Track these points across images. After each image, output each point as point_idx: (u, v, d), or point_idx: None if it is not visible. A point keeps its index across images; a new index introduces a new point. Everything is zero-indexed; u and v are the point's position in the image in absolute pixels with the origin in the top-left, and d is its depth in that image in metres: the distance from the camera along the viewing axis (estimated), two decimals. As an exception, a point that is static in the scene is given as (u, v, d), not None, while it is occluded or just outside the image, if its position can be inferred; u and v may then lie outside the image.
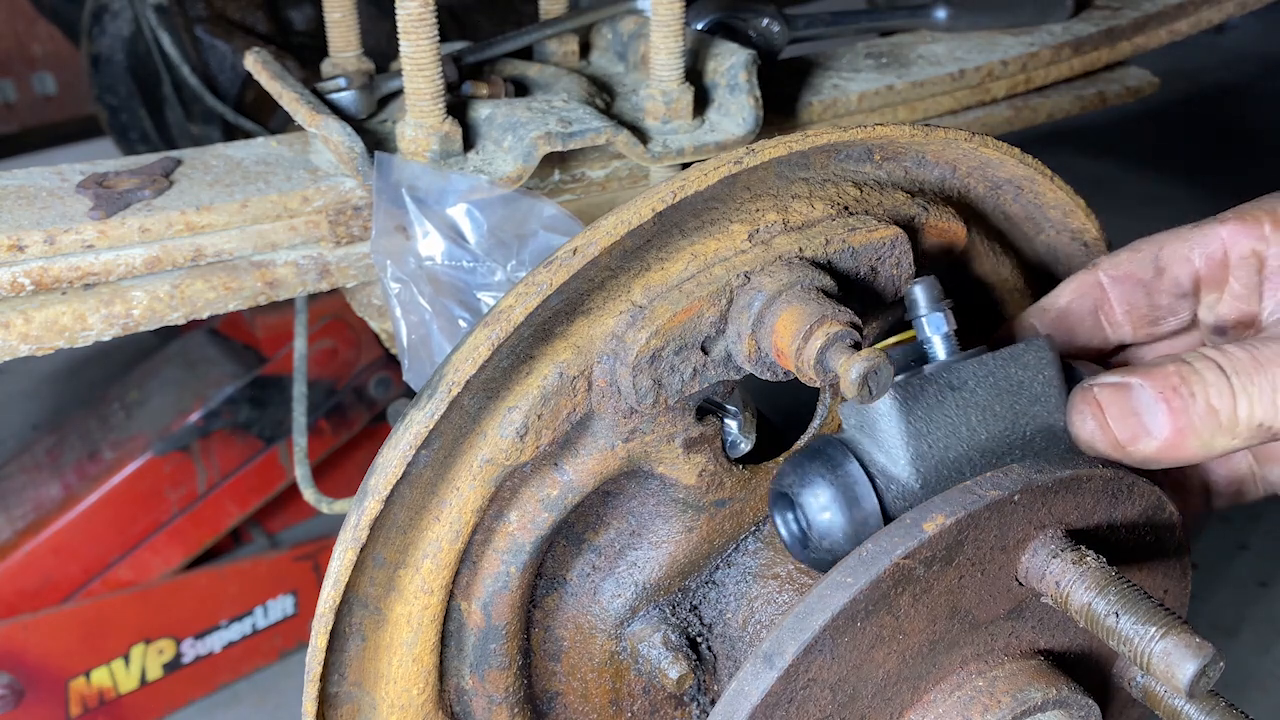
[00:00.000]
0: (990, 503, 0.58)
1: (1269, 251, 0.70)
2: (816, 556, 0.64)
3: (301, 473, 1.22)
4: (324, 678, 0.66)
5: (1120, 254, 0.73)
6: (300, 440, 1.25)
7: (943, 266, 0.77)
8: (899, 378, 0.63)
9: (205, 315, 0.89)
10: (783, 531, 0.65)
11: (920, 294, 0.66)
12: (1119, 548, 0.64)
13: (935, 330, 0.66)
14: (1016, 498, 0.58)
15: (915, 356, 0.66)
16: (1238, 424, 0.62)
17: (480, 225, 0.85)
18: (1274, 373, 0.62)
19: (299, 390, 1.29)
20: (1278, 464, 0.77)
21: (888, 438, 0.63)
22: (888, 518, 0.62)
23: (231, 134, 1.69)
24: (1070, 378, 0.68)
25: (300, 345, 1.31)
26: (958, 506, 0.58)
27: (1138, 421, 0.63)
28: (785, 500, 0.65)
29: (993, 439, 0.65)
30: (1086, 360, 0.72)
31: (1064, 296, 0.73)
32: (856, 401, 0.59)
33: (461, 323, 0.83)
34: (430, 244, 0.84)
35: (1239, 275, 0.71)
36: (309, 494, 1.21)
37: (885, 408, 0.63)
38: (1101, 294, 0.72)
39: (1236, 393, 0.62)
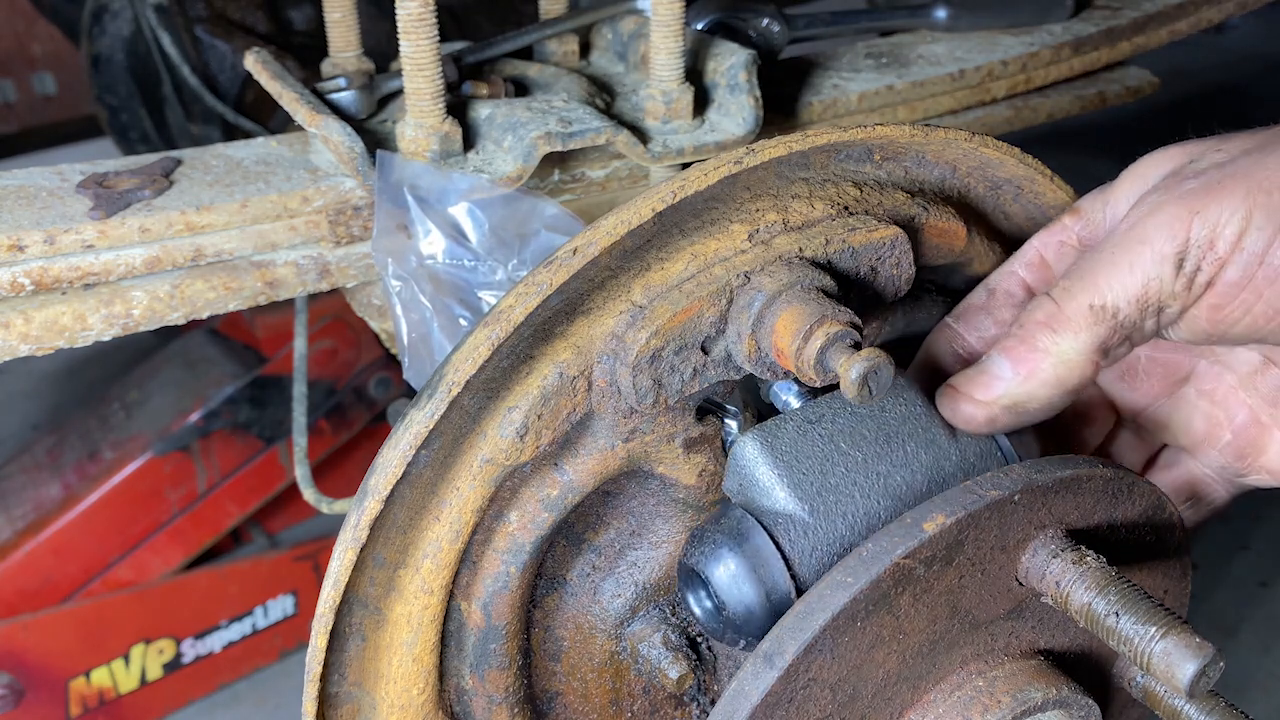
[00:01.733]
0: (990, 502, 0.58)
1: (1075, 233, 0.74)
2: (729, 615, 0.63)
3: (301, 473, 1.22)
4: (324, 678, 0.66)
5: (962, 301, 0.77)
6: (300, 440, 1.25)
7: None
8: (756, 427, 0.65)
9: (205, 315, 0.89)
10: (697, 610, 0.65)
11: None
12: (1119, 548, 0.64)
13: (786, 392, 0.69)
14: (1016, 498, 0.58)
15: None
16: (1069, 319, 0.65)
17: (482, 224, 0.85)
18: (1088, 261, 0.65)
19: (299, 390, 1.29)
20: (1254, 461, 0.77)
21: (763, 479, 0.64)
22: (782, 551, 0.62)
23: (231, 134, 1.69)
24: None
25: (300, 345, 1.31)
26: (958, 506, 0.58)
27: (986, 376, 0.66)
28: (692, 575, 0.65)
29: (870, 458, 0.65)
30: None
31: (924, 349, 0.76)
32: (857, 402, 0.60)
33: (462, 321, 0.83)
34: (432, 242, 0.84)
35: (1060, 264, 0.74)
36: (309, 494, 1.21)
37: (752, 454, 0.65)
38: (952, 333, 0.75)
39: (1058, 299, 0.65)
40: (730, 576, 0.62)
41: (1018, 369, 0.65)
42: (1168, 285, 0.64)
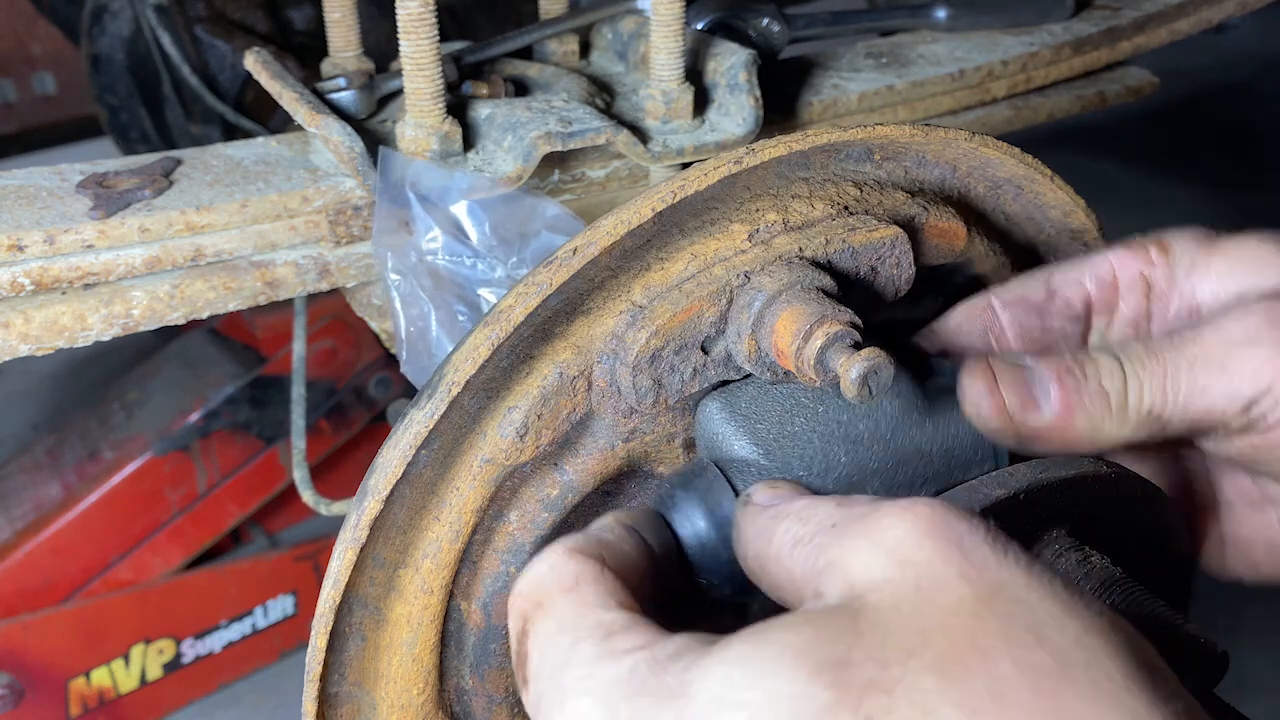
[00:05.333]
0: (994, 501, 0.58)
1: (1155, 275, 0.70)
2: (688, 553, 0.63)
3: (300, 475, 1.22)
4: (324, 678, 0.66)
5: (1013, 281, 0.73)
6: (299, 443, 1.25)
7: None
8: (719, 389, 0.66)
9: (205, 315, 0.89)
10: None
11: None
12: (1123, 548, 0.64)
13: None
14: (1021, 497, 0.58)
15: None
16: (1127, 408, 0.62)
17: (482, 222, 0.85)
18: (1166, 360, 0.63)
19: (297, 393, 1.29)
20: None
21: (722, 433, 0.65)
22: (735, 489, 0.63)
23: (231, 134, 1.69)
24: (932, 370, 0.69)
25: (299, 349, 1.31)
26: (962, 506, 0.57)
27: (1028, 392, 0.63)
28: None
29: (831, 408, 0.65)
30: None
31: (954, 318, 0.73)
32: (857, 402, 0.59)
33: (460, 318, 0.83)
34: (432, 239, 0.85)
35: (1128, 299, 0.71)
36: (308, 496, 1.21)
37: (713, 411, 0.66)
38: (991, 316, 0.72)
39: (1128, 376, 0.62)
40: (682, 513, 0.63)
41: (1057, 414, 0.62)
42: (1226, 420, 0.62)
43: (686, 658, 0.44)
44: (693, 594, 0.63)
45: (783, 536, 0.53)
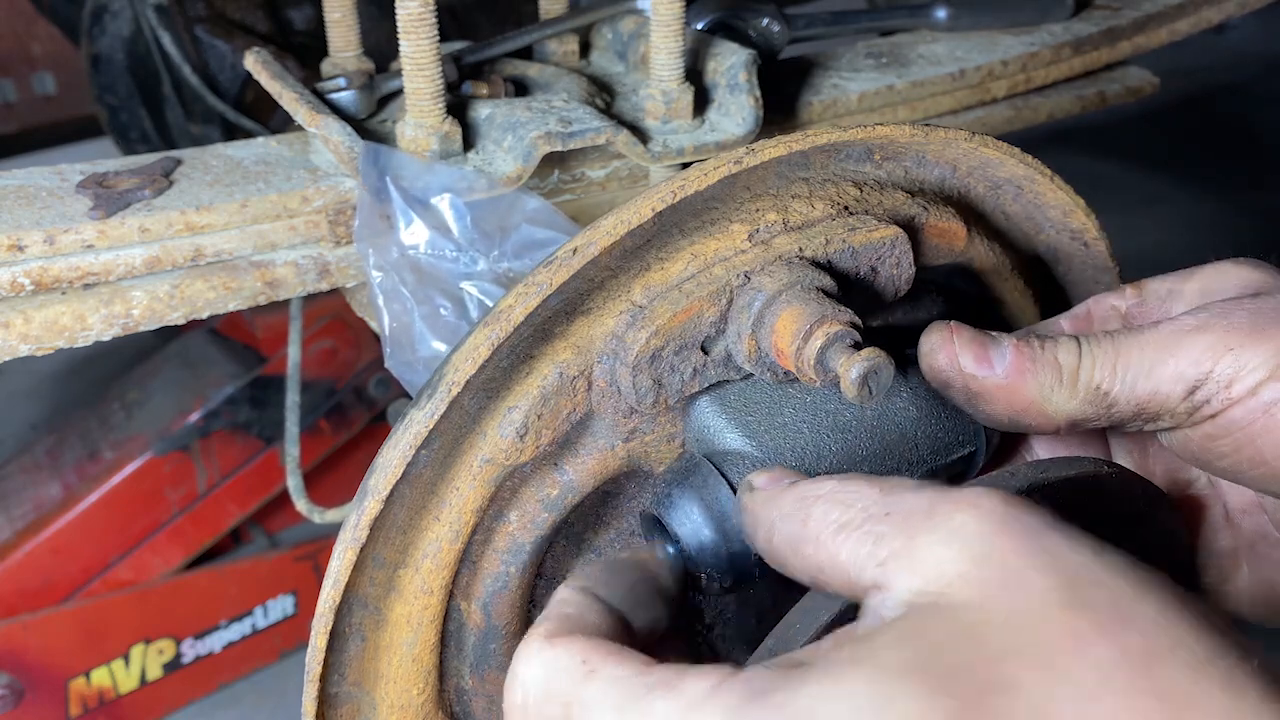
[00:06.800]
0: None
1: (1128, 305, 0.73)
2: (685, 547, 0.63)
3: (294, 483, 1.22)
4: (324, 678, 0.66)
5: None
6: (292, 450, 1.25)
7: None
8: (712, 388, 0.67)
9: (205, 315, 0.89)
10: (661, 556, 0.65)
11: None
12: (1125, 548, 0.64)
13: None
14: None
15: None
16: (1077, 380, 0.64)
17: (464, 215, 0.85)
18: (1120, 342, 0.65)
19: (291, 399, 1.29)
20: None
21: (713, 426, 0.66)
22: (729, 481, 0.63)
23: (231, 134, 1.69)
24: (911, 359, 0.70)
25: (294, 353, 1.31)
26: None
27: (983, 351, 0.65)
28: (650, 521, 0.66)
29: (819, 398, 0.67)
30: None
31: None
32: (857, 402, 0.60)
33: (443, 312, 0.83)
34: (414, 233, 0.84)
35: (1102, 325, 0.74)
36: (301, 505, 1.21)
37: (702, 406, 0.66)
38: None
39: (1083, 354, 0.65)
40: (680, 510, 0.63)
41: (1009, 374, 0.65)
42: (1171, 404, 0.64)
43: (786, 687, 0.44)
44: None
45: (822, 519, 0.52)
